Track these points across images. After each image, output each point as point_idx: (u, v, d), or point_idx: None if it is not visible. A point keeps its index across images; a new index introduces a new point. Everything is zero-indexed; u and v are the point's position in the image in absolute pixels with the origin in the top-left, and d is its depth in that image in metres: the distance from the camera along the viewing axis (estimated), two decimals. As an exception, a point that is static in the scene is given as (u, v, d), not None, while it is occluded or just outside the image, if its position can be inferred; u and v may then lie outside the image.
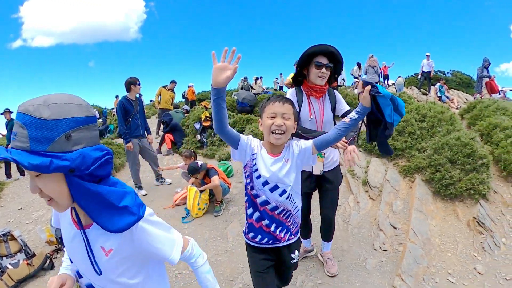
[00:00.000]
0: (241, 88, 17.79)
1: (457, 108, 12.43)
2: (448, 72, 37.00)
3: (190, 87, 18.20)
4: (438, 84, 16.38)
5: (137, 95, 6.90)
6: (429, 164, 5.81)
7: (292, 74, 11.27)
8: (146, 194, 6.98)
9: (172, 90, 13.22)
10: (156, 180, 7.66)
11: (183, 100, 20.68)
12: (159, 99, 12.83)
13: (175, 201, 6.35)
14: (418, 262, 4.05)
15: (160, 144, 10.47)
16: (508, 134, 6.45)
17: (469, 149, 5.57)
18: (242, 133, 8.11)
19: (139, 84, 6.68)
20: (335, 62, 3.08)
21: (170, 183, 7.68)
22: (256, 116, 10.63)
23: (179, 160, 9.42)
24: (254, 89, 18.25)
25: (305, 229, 3.91)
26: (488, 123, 7.19)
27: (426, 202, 5.33)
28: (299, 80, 3.28)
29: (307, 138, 2.59)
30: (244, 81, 18.42)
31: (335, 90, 3.38)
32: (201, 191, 5.81)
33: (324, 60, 3.01)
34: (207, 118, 10.23)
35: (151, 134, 7.25)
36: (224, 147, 9.59)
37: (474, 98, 15.22)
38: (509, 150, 5.95)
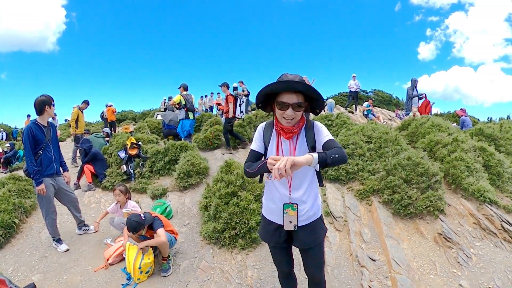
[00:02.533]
0: (165, 109, 16.70)
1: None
2: (369, 91, 39.02)
3: (110, 106, 16.70)
4: (366, 103, 18.02)
5: (50, 119, 5.64)
6: (385, 186, 6.00)
7: (179, 96, 10.29)
8: (68, 250, 5.73)
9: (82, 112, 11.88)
10: (78, 228, 6.36)
11: (102, 120, 19.06)
12: (75, 125, 11.35)
13: (107, 260, 5.23)
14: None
15: (79, 177, 9.00)
16: (450, 149, 7.03)
17: (421, 168, 5.92)
18: (176, 164, 7.63)
19: (53, 105, 5.43)
20: (310, 99, 2.53)
21: (96, 231, 6.44)
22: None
23: (103, 196, 8.18)
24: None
25: (288, 285, 3.39)
26: (429, 140, 7.61)
27: (391, 225, 5.48)
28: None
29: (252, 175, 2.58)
30: (168, 100, 17.24)
31: (315, 122, 2.74)
32: (143, 252, 4.83)
33: (290, 99, 2.42)
34: (134, 145, 9.06)
35: (67, 170, 5.97)
36: (156, 180, 8.51)
37: (396, 115, 15.90)
38: (454, 164, 6.54)
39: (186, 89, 10.83)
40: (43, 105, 5.26)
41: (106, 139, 11.60)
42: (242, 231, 5.34)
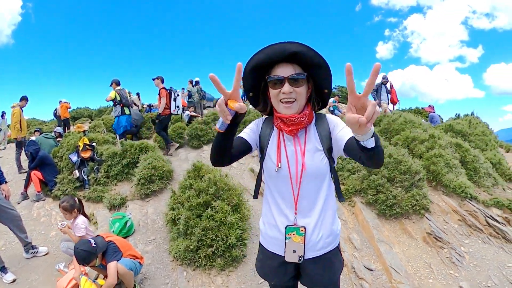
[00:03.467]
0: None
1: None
2: (334, 88, 39.27)
3: (64, 103, 15.56)
4: (332, 99, 17.54)
5: None
6: (368, 186, 5.84)
7: (114, 92, 9.61)
8: (14, 280, 4.93)
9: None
10: (25, 251, 5.53)
11: (55, 119, 17.85)
12: (19, 126, 10.13)
13: None
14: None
15: (26, 186, 7.96)
16: (428, 146, 7.08)
17: (404, 166, 5.81)
18: (135, 167, 7.38)
19: None
20: (312, 68, 1.84)
21: (47, 253, 5.66)
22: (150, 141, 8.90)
23: (54, 207, 7.31)
24: (138, 105, 16.29)
25: None
26: (405, 137, 7.60)
27: (379, 228, 5.33)
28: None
29: None
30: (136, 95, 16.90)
31: (327, 114, 2.09)
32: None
33: (285, 70, 1.81)
34: (87, 146, 8.19)
35: (5, 182, 5.10)
36: (113, 186, 7.72)
37: None
38: (434, 161, 6.58)
39: (118, 84, 10.28)
40: None
41: (58, 139, 10.53)
42: (220, 249, 4.71)
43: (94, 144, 8.44)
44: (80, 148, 8.14)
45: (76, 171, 7.78)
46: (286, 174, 1.94)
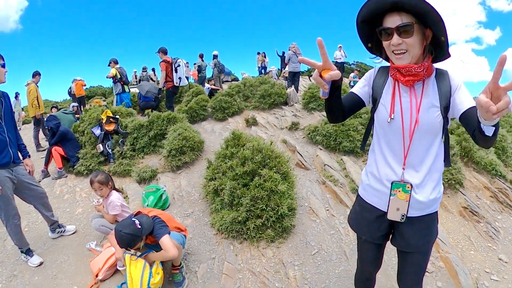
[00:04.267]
0: (139, 81, 16.37)
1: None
2: (352, 63, 38.27)
3: (79, 80, 14.86)
4: (352, 74, 17.57)
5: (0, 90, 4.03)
6: None
7: (114, 70, 9.11)
8: (41, 263, 4.36)
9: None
10: (51, 231, 4.94)
11: (69, 98, 17.28)
12: (37, 103, 9.56)
13: (97, 275, 3.94)
14: (466, 272, 3.83)
15: (46, 163, 7.41)
16: (458, 123, 6.90)
17: None
18: (163, 139, 6.95)
19: (3, 65, 3.79)
20: (421, 16, 1.66)
21: (74, 232, 5.08)
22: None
23: (78, 184, 6.76)
24: (154, 80, 15.87)
25: None
26: None
27: None
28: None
29: None
30: (143, 71, 17.24)
31: (451, 73, 1.86)
32: (151, 266, 3.52)
33: (392, 21, 1.70)
34: (110, 119, 7.58)
35: (29, 156, 4.47)
36: (140, 159, 7.16)
37: None
38: (465, 137, 6.58)
39: (116, 62, 10.44)
40: None
41: (76, 116, 9.98)
42: (271, 219, 4.28)
43: (117, 116, 7.83)
44: (103, 121, 7.54)
45: (100, 145, 7.20)
46: (399, 126, 1.87)
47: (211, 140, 7.77)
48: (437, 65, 1.87)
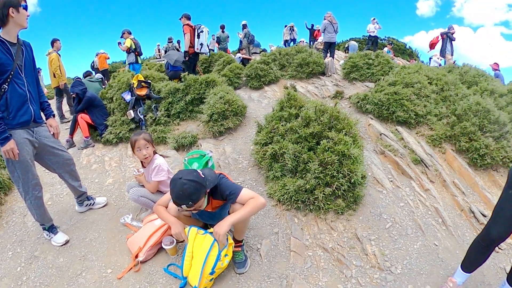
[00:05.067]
0: (166, 51, 16.17)
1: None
2: (383, 39, 36.97)
3: (102, 53, 14.30)
4: (386, 49, 17.25)
5: (19, 37, 3.16)
6: (460, 133, 5.31)
7: (129, 40, 10.20)
8: (67, 242, 3.62)
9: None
10: (78, 204, 4.18)
11: (93, 71, 16.86)
12: (59, 72, 8.77)
13: (136, 256, 3.18)
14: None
15: (72, 132, 6.69)
16: (508, 100, 6.77)
17: (493, 116, 5.32)
18: (202, 104, 6.34)
19: (25, 8, 3.05)
20: None
21: (105, 205, 4.31)
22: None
23: (106, 153, 6.04)
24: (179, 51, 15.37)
25: (475, 259, 2.58)
26: (483, 89, 7.09)
27: (480, 176, 4.90)
28: None
29: None
30: (168, 42, 16.88)
31: None
32: (221, 246, 2.77)
33: None
34: (142, 84, 6.75)
35: (53, 115, 3.68)
36: (176, 125, 6.39)
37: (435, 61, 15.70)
38: None
39: (130, 33, 10.35)
40: (5, 8, 2.91)
41: (103, 86, 9.27)
42: (342, 188, 3.61)
43: (150, 81, 7.03)
44: (134, 86, 6.73)
45: (131, 111, 6.41)
46: None
47: (250, 107, 6.99)
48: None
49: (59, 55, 8.89)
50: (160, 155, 3.77)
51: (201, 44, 8.77)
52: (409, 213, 3.82)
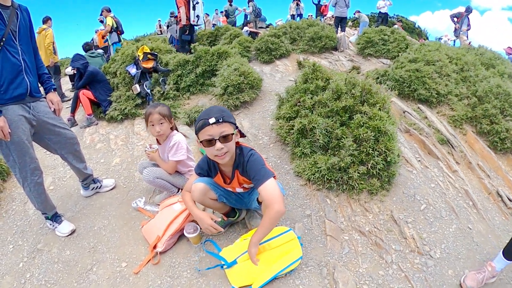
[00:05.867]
0: (169, 26, 15.75)
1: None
2: (392, 17, 36.37)
3: (102, 30, 13.47)
4: (396, 26, 15.81)
5: (14, 1, 2.71)
6: (482, 115, 5.16)
7: (110, 19, 10.00)
8: (73, 231, 3.21)
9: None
10: (84, 188, 3.72)
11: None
12: (52, 48, 8.27)
13: (154, 246, 2.76)
14: None
15: (73, 110, 6.20)
16: None
17: None
18: (213, 76, 6.00)
19: None
20: None
21: (113, 188, 3.86)
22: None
23: (111, 130, 5.56)
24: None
25: None
26: (502, 72, 6.75)
27: (500, 159, 4.76)
28: None
29: None
30: (171, 16, 15.92)
31: None
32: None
33: None
34: (148, 56, 6.22)
35: (54, 89, 3.18)
36: (186, 99, 5.94)
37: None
38: None
39: (109, 11, 10.01)
40: None
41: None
42: (378, 166, 3.30)
43: (156, 53, 6.50)
44: (140, 58, 6.19)
45: (137, 85, 5.90)
46: None
47: (264, 81, 6.56)
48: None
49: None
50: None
51: (197, 16, 8.48)
52: (440, 194, 3.59)
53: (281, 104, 4.29)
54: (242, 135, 2.37)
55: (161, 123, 3.07)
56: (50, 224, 3.21)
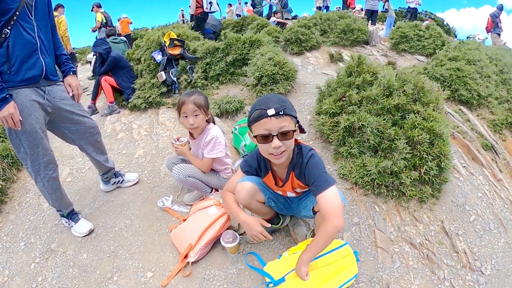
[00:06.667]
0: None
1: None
2: (421, 13, 35.80)
3: (125, 18, 13.39)
4: (426, 22, 15.13)
5: None
6: None
7: (100, 14, 9.60)
8: (91, 231, 2.86)
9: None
10: (104, 182, 3.36)
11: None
12: (68, 35, 8.14)
13: (186, 256, 2.39)
14: None
15: (94, 97, 5.90)
16: None
17: None
18: (245, 65, 5.62)
19: None
20: None
21: (136, 182, 3.50)
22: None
23: (134, 119, 5.22)
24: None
25: None
26: None
27: None
28: None
29: None
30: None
31: None
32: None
33: None
34: (175, 42, 5.85)
35: (73, 72, 2.82)
36: (214, 89, 5.54)
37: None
38: None
39: (99, 6, 9.88)
40: None
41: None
42: (432, 171, 2.98)
43: (183, 39, 6.14)
44: (166, 45, 5.84)
45: (162, 73, 5.55)
46: None
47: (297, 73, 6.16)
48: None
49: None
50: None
51: (210, 3, 8.13)
52: (488, 205, 3.32)
53: (322, 98, 3.91)
54: (302, 131, 1.94)
55: (196, 115, 2.68)
56: (66, 222, 2.86)
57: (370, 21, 11.88)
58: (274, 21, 11.81)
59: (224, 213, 2.43)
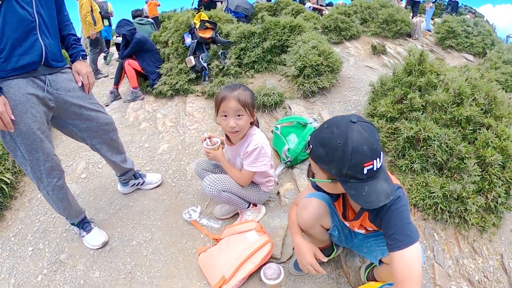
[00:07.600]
0: None
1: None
2: (461, 6, 34.76)
3: (152, 0, 12.96)
4: (467, 17, 14.33)
5: None
6: None
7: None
8: (105, 243, 2.44)
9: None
10: (122, 184, 2.92)
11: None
12: (92, 18, 7.63)
13: (223, 283, 1.91)
14: None
15: (117, 81, 5.50)
16: None
17: None
18: (284, 53, 5.18)
19: None
20: None
21: (159, 185, 3.04)
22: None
23: (159, 108, 4.77)
24: None
25: None
26: None
27: None
28: None
29: None
30: None
31: None
32: None
33: None
34: (205, 25, 5.39)
35: (83, 56, 2.24)
36: (249, 78, 5.00)
37: None
38: None
39: None
40: None
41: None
42: (500, 199, 2.51)
43: (215, 22, 5.65)
44: (197, 27, 5.38)
45: (191, 58, 5.10)
46: None
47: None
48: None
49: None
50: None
51: None
52: None
53: (375, 98, 3.40)
54: None
55: (239, 115, 2.09)
56: (78, 231, 2.45)
57: (411, 13, 11.08)
58: (310, 7, 11.27)
59: (266, 242, 1.95)
